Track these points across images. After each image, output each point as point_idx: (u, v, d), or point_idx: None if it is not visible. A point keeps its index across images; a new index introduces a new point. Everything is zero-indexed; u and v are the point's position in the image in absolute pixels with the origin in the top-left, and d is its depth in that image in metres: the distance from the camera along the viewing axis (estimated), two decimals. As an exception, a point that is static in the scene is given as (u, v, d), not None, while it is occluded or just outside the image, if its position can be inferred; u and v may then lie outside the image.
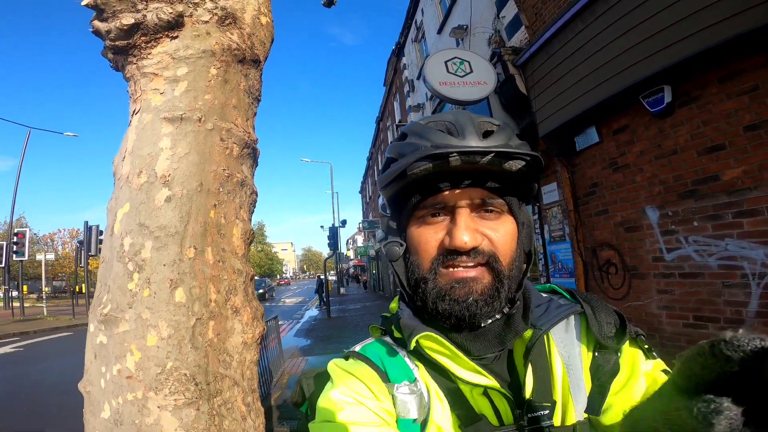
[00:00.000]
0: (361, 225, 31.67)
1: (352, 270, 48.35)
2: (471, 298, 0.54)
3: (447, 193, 0.56)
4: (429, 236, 0.57)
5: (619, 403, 0.53)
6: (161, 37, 1.11)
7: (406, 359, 0.59)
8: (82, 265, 15.82)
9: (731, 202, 2.84)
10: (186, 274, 1.04)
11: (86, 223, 15.07)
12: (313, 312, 16.23)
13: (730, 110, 2.85)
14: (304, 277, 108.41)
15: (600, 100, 3.72)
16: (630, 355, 0.57)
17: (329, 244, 16.53)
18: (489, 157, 0.52)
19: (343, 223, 18.42)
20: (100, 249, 14.43)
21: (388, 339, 0.64)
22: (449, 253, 0.55)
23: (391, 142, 0.62)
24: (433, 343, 0.55)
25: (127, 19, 1.05)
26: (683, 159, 3.19)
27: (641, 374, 0.54)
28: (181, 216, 1.09)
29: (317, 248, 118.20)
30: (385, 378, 0.57)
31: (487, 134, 0.56)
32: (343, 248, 33.19)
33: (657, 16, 3.12)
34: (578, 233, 4.40)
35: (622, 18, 3.43)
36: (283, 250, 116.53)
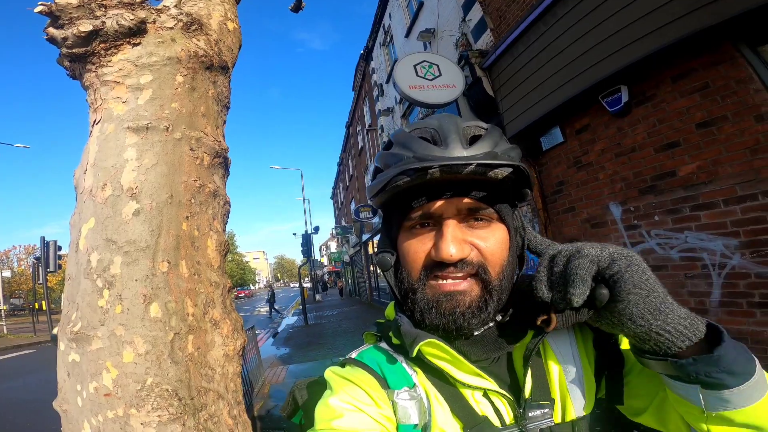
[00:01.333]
0: (334, 231, 31.48)
1: (326, 276, 47.88)
2: (458, 311, 0.54)
3: (432, 204, 0.55)
4: (417, 247, 0.57)
5: (635, 385, 0.56)
6: (122, 44, 1.06)
7: (405, 365, 0.59)
8: (41, 281, 15.10)
9: (688, 196, 2.98)
10: (160, 288, 1.00)
11: (43, 238, 14.36)
12: (290, 320, 15.96)
13: (683, 108, 2.99)
14: (278, 285, 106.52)
15: (562, 101, 3.85)
16: (626, 341, 0.59)
17: (303, 252, 16.35)
18: (471, 167, 0.52)
19: (316, 229, 18.27)
20: (59, 265, 14.09)
21: (384, 345, 0.64)
22: (437, 265, 0.55)
23: (379, 150, 0.63)
24: (436, 350, 0.55)
25: (85, 26, 1.00)
26: (642, 156, 3.34)
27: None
28: (152, 229, 1.05)
29: (290, 256, 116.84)
30: (385, 384, 0.57)
31: (474, 139, 0.56)
32: (316, 255, 32.89)
33: (613, 17, 3.26)
34: (548, 231, 4.54)
35: (581, 20, 3.57)
36: (255, 259, 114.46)
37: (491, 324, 0.59)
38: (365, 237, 17.99)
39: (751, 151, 2.61)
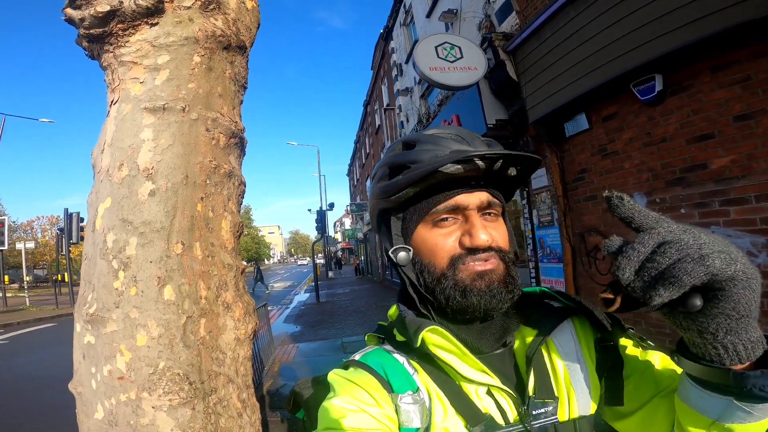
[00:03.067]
0: (348, 208, 31.53)
1: (340, 253, 48.20)
2: (494, 287, 0.58)
3: (463, 195, 0.60)
4: (442, 238, 0.61)
5: (635, 386, 0.57)
6: (140, 24, 1.04)
7: (407, 365, 0.60)
8: (64, 252, 15.41)
9: (718, 190, 2.88)
10: (174, 270, 1.00)
11: (66, 210, 14.57)
12: (302, 297, 16.25)
13: (721, 100, 2.86)
14: (291, 261, 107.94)
15: (590, 88, 3.71)
16: (627, 344, 0.61)
17: (317, 227, 16.46)
18: (500, 162, 0.59)
19: (331, 206, 18.33)
20: (81, 237, 14.11)
21: (387, 347, 0.65)
22: (466, 253, 0.59)
23: (391, 155, 0.66)
24: (440, 339, 0.56)
25: (102, 6, 0.98)
26: (672, 147, 3.22)
27: (644, 355, 0.59)
28: (167, 210, 1.05)
29: (305, 231, 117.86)
30: (389, 388, 0.58)
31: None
32: (330, 231, 33.09)
33: (650, 5, 3.10)
34: (567, 218, 4.45)
35: (615, 6, 3.41)
36: (270, 233, 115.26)
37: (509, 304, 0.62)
38: None
39: None
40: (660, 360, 0.58)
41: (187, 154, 1.11)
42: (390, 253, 0.65)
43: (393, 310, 0.68)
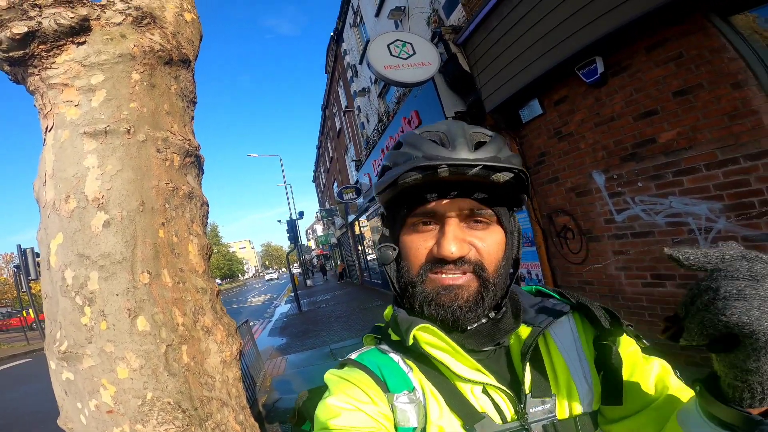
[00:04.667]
0: (318, 214, 31.23)
1: (315, 261, 47.72)
2: (456, 304, 0.56)
3: (437, 203, 0.58)
4: (419, 243, 0.60)
5: (634, 387, 0.56)
6: (65, 44, 0.98)
7: (402, 364, 0.60)
8: (24, 289, 14.83)
9: (669, 162, 3.03)
10: (144, 301, 0.96)
11: (19, 246, 13.88)
12: (283, 309, 15.95)
13: (659, 77, 3.00)
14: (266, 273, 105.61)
15: (540, 74, 3.83)
16: (628, 343, 0.61)
17: (289, 238, 16.18)
18: (476, 169, 0.54)
19: (301, 214, 18.11)
20: (39, 273, 13.47)
21: (383, 346, 0.64)
22: (437, 261, 0.57)
23: (388, 152, 0.65)
24: (431, 337, 0.56)
25: (19, 28, 0.92)
26: (621, 125, 3.37)
27: (644, 361, 0.59)
28: (126, 240, 0.99)
29: (277, 242, 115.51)
30: (385, 388, 0.57)
31: (479, 145, 0.58)
32: (303, 239, 32.65)
33: None
34: (533, 201, 4.58)
35: None
36: (241, 248, 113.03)
37: (484, 320, 0.61)
38: (351, 218, 17.89)
39: (729, 117, 2.64)
40: (659, 369, 0.57)
41: (139, 179, 1.05)
42: (377, 249, 0.66)
43: (388, 310, 0.68)
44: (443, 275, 0.57)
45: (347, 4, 11.59)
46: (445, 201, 0.57)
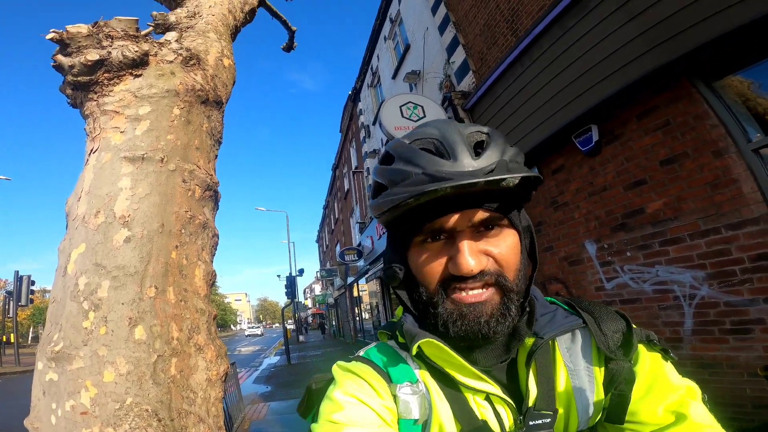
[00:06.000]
0: (318, 274, 31.12)
1: (310, 319, 46.96)
2: (482, 320, 0.53)
3: (446, 218, 0.54)
4: (431, 261, 0.56)
5: (646, 407, 0.53)
6: (125, 75, 1.11)
7: (409, 361, 0.59)
8: (11, 315, 14.81)
9: (656, 232, 3.09)
10: (146, 312, 1.01)
11: (17, 272, 14.21)
12: (272, 360, 15.38)
13: (648, 146, 3.12)
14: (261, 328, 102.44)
15: (539, 142, 4.00)
16: (649, 359, 0.57)
17: (287, 293, 16.17)
18: (485, 179, 0.49)
19: (301, 272, 18.26)
20: (31, 300, 14.31)
21: (392, 343, 0.64)
22: (455, 278, 0.54)
23: (374, 168, 0.61)
24: (435, 350, 0.55)
25: (92, 55, 1.05)
26: (612, 195, 3.46)
27: (667, 377, 0.55)
28: (141, 256, 1.08)
29: (273, 298, 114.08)
30: (388, 379, 0.57)
31: (478, 146, 0.55)
32: (300, 297, 32.31)
33: (582, 58, 3.45)
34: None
35: (554, 61, 3.76)
36: (236, 300, 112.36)
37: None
38: (350, 280, 17.79)
39: (712, 186, 2.75)
40: (680, 394, 0.53)
41: (163, 204, 1.16)
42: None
43: (399, 310, 0.67)
44: (464, 293, 0.54)
45: (367, 65, 12.13)
46: (455, 216, 0.53)
